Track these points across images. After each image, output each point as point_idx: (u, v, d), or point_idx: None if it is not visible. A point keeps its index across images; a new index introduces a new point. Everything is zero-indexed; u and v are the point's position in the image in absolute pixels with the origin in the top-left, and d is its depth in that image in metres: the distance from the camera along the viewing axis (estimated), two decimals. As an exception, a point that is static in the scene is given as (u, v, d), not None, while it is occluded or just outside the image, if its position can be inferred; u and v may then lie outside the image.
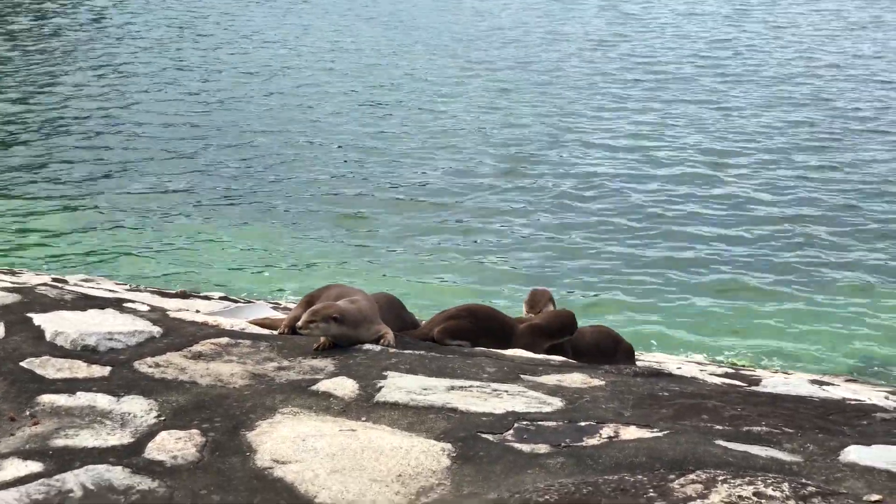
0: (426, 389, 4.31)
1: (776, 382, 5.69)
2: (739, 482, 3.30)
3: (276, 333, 5.19)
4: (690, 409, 4.23)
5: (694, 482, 3.32)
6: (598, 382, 4.60)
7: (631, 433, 3.85)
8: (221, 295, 8.86)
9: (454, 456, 3.66)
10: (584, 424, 3.96)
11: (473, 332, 5.59)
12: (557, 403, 4.23)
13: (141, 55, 27.18)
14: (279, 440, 3.76)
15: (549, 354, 5.45)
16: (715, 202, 16.92)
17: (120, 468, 3.54)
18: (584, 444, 3.76)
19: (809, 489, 3.26)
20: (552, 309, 6.20)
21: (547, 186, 17.57)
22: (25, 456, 3.61)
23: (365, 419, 4.01)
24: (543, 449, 3.71)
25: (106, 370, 4.47)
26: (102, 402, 4.12)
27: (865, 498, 3.24)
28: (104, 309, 5.40)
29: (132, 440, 3.79)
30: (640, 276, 14.20)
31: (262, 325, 5.43)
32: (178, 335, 4.97)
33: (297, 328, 4.93)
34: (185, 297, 7.44)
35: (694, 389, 4.71)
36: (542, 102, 22.94)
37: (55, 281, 7.40)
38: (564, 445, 3.74)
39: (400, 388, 4.31)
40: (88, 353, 4.67)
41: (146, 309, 5.51)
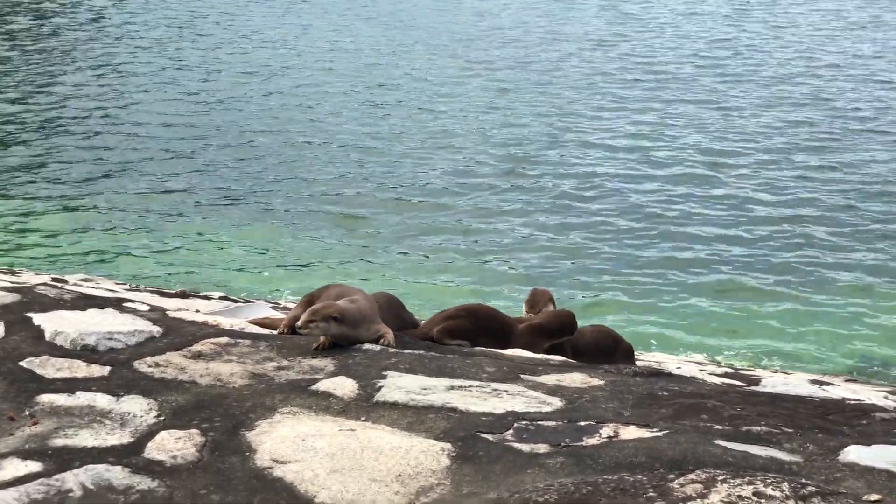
0: (426, 389, 4.31)
1: (776, 382, 5.69)
2: (739, 482, 3.30)
3: (275, 333, 5.19)
4: (690, 408, 4.23)
5: (693, 482, 3.32)
6: (597, 382, 4.60)
7: (630, 433, 3.85)
8: (221, 294, 8.87)
9: (454, 456, 3.66)
10: (583, 424, 3.96)
11: (473, 331, 5.59)
12: (557, 403, 4.23)
13: (140, 55, 27.18)
14: (279, 440, 3.76)
15: (548, 354, 5.45)
16: (714, 202, 16.92)
17: (119, 468, 3.54)
18: (583, 443, 3.76)
19: (809, 489, 3.26)
20: (552, 309, 6.21)
21: (547, 186, 17.58)
22: (25, 456, 3.61)
23: (364, 419, 4.01)
24: (543, 449, 3.71)
25: (105, 370, 4.47)
26: (102, 401, 4.12)
27: (865, 498, 3.24)
28: (104, 308, 5.40)
29: (132, 440, 3.78)
30: (639, 275, 14.20)
31: (261, 324, 5.43)
32: (177, 335, 4.97)
33: (296, 328, 4.93)
34: (184, 296, 7.45)
35: (693, 389, 4.71)
36: (541, 102, 22.94)
37: (55, 280, 7.40)
38: (564, 445, 3.74)
39: (399, 387, 4.31)
40: (88, 352, 4.67)
41: (146, 308, 5.51)
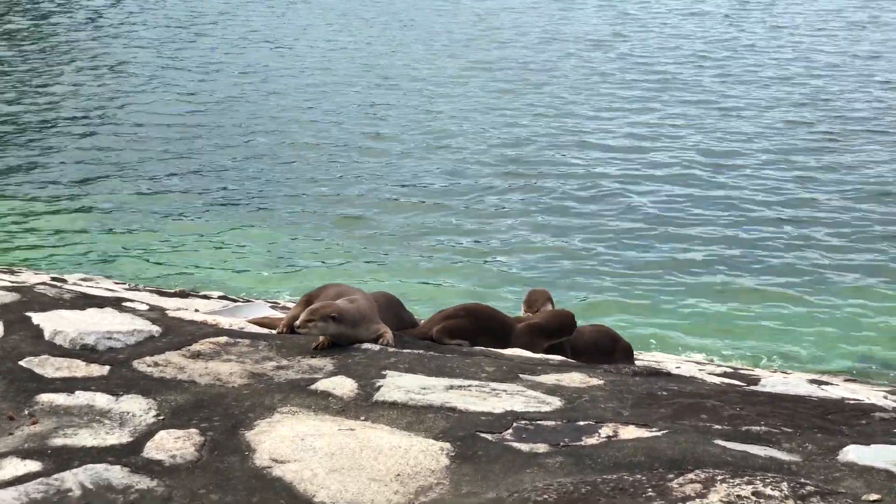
0: (425, 389, 4.31)
1: (775, 382, 5.69)
2: (738, 482, 3.30)
3: (274, 332, 5.19)
4: (689, 408, 4.23)
5: (693, 482, 3.32)
6: (596, 382, 4.60)
7: (630, 433, 3.85)
8: (220, 294, 8.88)
9: (453, 455, 3.66)
10: (582, 424, 3.96)
11: (472, 331, 5.59)
12: (556, 403, 4.23)
13: (140, 55, 27.18)
14: (278, 439, 3.76)
15: (547, 354, 5.45)
16: (713, 202, 16.92)
17: (119, 467, 3.54)
18: (582, 443, 3.76)
19: (808, 489, 3.26)
20: (551, 308, 6.21)
21: (546, 186, 17.57)
22: (24, 455, 3.61)
23: (364, 418, 4.01)
24: (542, 448, 3.71)
25: (105, 369, 4.47)
26: (101, 401, 4.12)
27: (864, 497, 3.24)
28: (103, 308, 5.40)
29: (131, 439, 3.78)
30: (638, 275, 14.20)
31: (261, 324, 5.43)
32: (176, 334, 4.97)
33: (295, 327, 4.93)
34: (184, 296, 7.45)
35: (693, 389, 4.71)
36: (541, 103, 22.93)
37: (54, 280, 7.40)
38: (563, 445, 3.74)
39: (399, 387, 4.31)
40: (87, 352, 4.67)
41: (145, 308, 5.51)
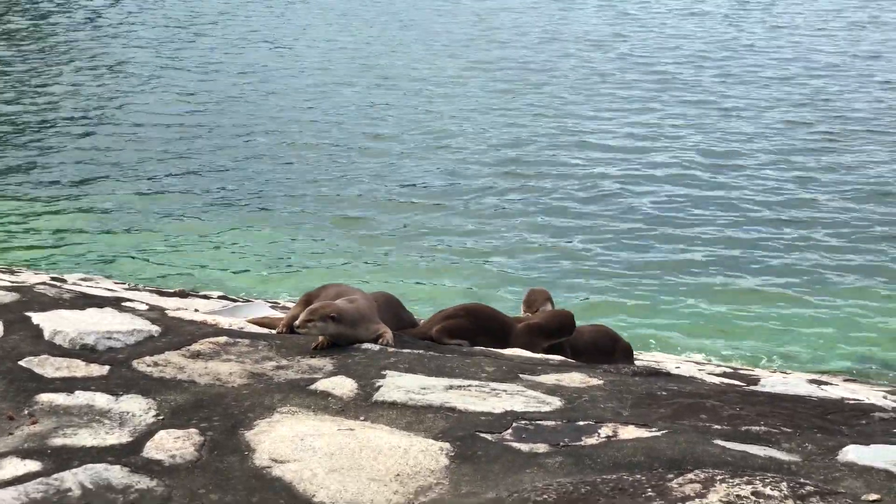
0: (425, 389, 4.31)
1: (775, 382, 5.69)
2: (738, 482, 3.30)
3: (274, 332, 5.19)
4: (689, 408, 4.23)
5: (692, 482, 3.32)
6: (596, 382, 4.60)
7: (629, 433, 3.85)
8: (220, 294, 8.88)
9: (452, 455, 3.66)
10: (582, 424, 3.96)
11: (472, 331, 5.59)
12: (556, 403, 4.23)
13: (139, 55, 27.18)
14: (278, 439, 3.76)
15: (547, 354, 5.45)
16: (713, 202, 16.91)
17: (118, 467, 3.54)
18: (582, 443, 3.76)
19: (808, 489, 3.26)
20: (550, 308, 6.20)
21: (545, 187, 17.57)
22: (24, 455, 3.61)
23: (363, 418, 4.01)
24: (542, 448, 3.71)
25: (104, 369, 4.47)
26: (101, 401, 4.12)
27: (864, 497, 3.24)
28: (103, 308, 5.40)
29: (131, 439, 3.78)
30: (638, 276, 14.20)
31: (260, 324, 5.43)
32: (176, 334, 4.97)
33: (294, 327, 4.93)
34: (183, 296, 7.45)
35: (692, 389, 4.71)
36: (541, 103, 22.93)
37: (54, 280, 7.40)
38: (563, 445, 3.74)
39: (398, 387, 4.31)
40: (87, 352, 4.67)
41: (145, 308, 5.51)
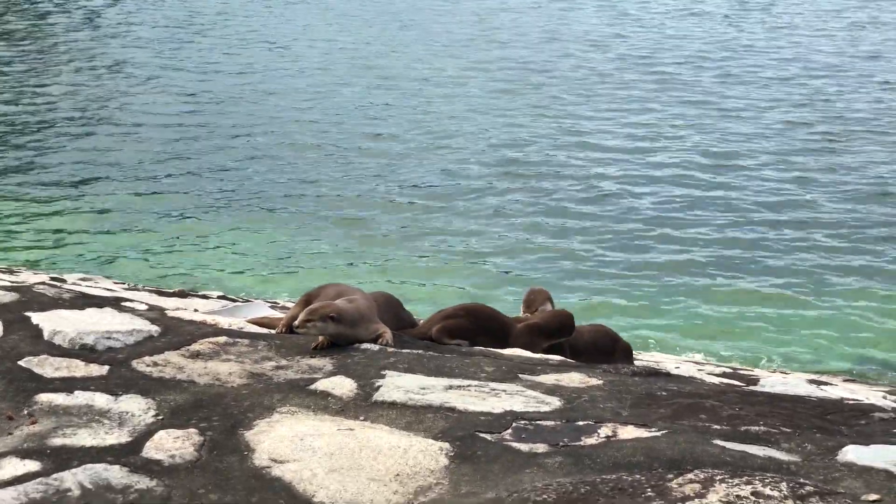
0: (424, 389, 4.31)
1: (774, 382, 5.69)
2: (737, 482, 3.30)
3: (274, 332, 5.19)
4: (688, 408, 4.23)
5: (692, 482, 3.32)
6: (596, 382, 4.60)
7: (629, 433, 3.85)
8: (220, 294, 8.88)
9: (452, 455, 3.66)
10: (582, 424, 3.95)
11: (472, 331, 5.59)
12: (556, 403, 4.23)
13: (138, 55, 27.17)
14: (277, 439, 3.76)
15: (547, 354, 5.45)
16: (713, 203, 16.91)
17: (118, 467, 3.54)
18: (582, 443, 3.76)
19: (807, 489, 3.26)
20: (550, 308, 6.20)
21: (545, 187, 17.57)
22: (23, 455, 3.61)
23: (363, 418, 4.01)
24: (541, 448, 3.70)
25: (104, 369, 4.47)
26: (100, 401, 4.12)
27: (863, 497, 3.24)
28: (102, 308, 5.39)
29: (130, 439, 3.78)
30: (638, 276, 14.20)
31: (260, 324, 5.43)
32: (176, 334, 4.97)
33: (294, 327, 4.93)
34: (183, 296, 7.45)
35: (692, 389, 4.71)
36: (540, 103, 22.93)
37: (53, 280, 7.40)
38: (562, 445, 3.74)
39: (398, 387, 4.31)
40: (86, 352, 4.66)
41: (144, 308, 5.51)
